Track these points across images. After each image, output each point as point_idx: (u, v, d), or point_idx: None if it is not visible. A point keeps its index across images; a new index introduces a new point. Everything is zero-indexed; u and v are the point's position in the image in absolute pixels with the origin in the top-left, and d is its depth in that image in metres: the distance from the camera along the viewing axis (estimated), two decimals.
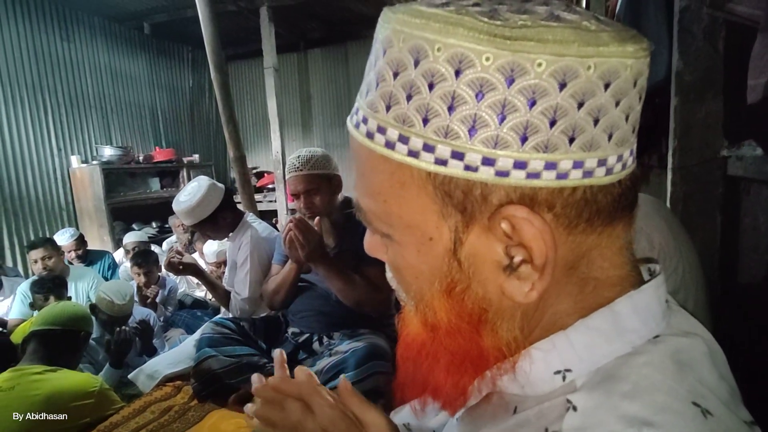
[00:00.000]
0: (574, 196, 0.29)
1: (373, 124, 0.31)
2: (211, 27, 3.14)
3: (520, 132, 0.27)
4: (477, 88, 0.27)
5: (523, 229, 0.28)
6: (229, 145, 3.40)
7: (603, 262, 0.32)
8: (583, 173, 0.28)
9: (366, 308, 1.57)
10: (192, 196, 1.83)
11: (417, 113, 0.29)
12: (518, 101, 0.27)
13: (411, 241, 0.33)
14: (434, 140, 0.28)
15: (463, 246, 0.31)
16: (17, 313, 2.59)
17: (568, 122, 0.27)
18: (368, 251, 0.40)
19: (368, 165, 0.33)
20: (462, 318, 0.32)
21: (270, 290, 1.72)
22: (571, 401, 0.30)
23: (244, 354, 1.55)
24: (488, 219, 0.29)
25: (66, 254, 3.18)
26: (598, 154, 0.28)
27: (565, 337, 0.32)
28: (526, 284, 0.30)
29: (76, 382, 1.52)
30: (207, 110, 6.34)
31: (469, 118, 0.27)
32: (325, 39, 5.80)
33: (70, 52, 4.39)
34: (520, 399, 0.34)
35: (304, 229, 1.46)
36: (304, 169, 1.57)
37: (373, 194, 0.33)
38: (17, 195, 3.93)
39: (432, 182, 0.30)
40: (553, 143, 0.27)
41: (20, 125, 3.96)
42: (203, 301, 3.15)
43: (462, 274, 0.31)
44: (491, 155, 0.27)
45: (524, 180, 0.28)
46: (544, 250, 0.29)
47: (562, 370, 0.32)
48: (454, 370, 0.34)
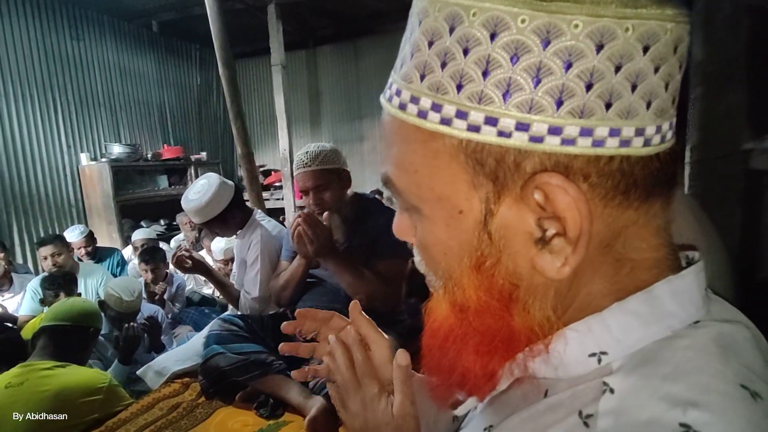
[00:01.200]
0: (610, 165, 0.27)
1: (406, 95, 0.31)
2: (219, 23, 3.13)
3: (556, 96, 0.26)
4: (512, 51, 0.26)
5: (557, 198, 0.27)
6: (237, 142, 3.40)
7: (640, 242, 0.31)
8: (620, 142, 0.27)
9: (376, 303, 1.55)
10: (202, 195, 1.82)
11: (451, 80, 0.28)
12: (554, 64, 0.26)
13: (440, 215, 0.32)
14: (468, 106, 0.28)
15: (494, 218, 0.30)
16: (27, 309, 2.61)
17: (604, 86, 0.26)
18: (397, 234, 0.40)
19: (399, 136, 0.32)
20: (492, 295, 0.31)
21: (278, 286, 1.70)
22: (607, 383, 0.29)
23: (251, 351, 1.54)
24: (521, 188, 0.28)
25: (75, 251, 3.20)
26: (635, 122, 0.27)
27: (601, 320, 0.31)
28: (558, 259, 0.29)
29: (85, 378, 1.51)
30: (215, 108, 6.35)
31: (503, 82, 0.27)
32: (335, 35, 5.78)
33: (79, 51, 4.41)
34: (552, 382, 0.33)
35: (312, 224, 1.45)
36: (312, 165, 1.55)
37: (403, 166, 0.33)
38: (27, 192, 3.96)
39: (464, 150, 0.29)
40: (590, 108, 0.26)
41: (30, 123, 3.98)
42: (211, 298, 3.15)
43: (492, 248, 0.30)
44: (525, 120, 0.27)
45: (559, 146, 0.27)
46: (578, 221, 0.27)
47: (598, 353, 0.31)
48: (484, 352, 0.33)
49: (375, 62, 5.74)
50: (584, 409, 0.29)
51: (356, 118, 6.00)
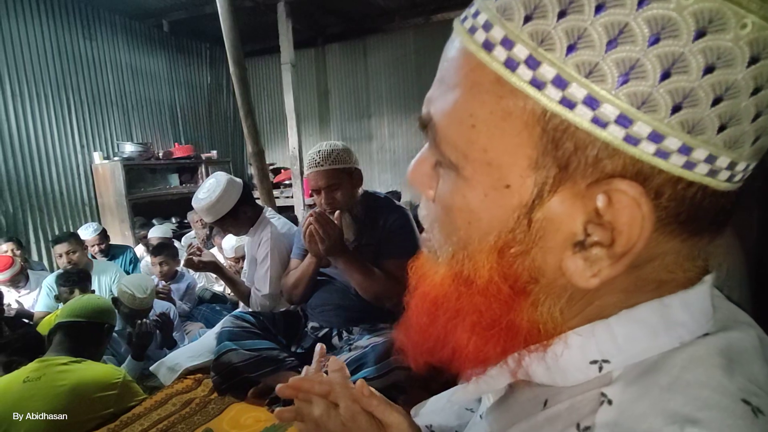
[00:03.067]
0: (687, 191, 0.24)
1: (498, 33, 0.25)
2: (229, 21, 3.15)
3: (678, 98, 0.22)
4: (657, 28, 0.22)
5: (623, 209, 0.24)
6: (247, 140, 3.42)
7: (675, 267, 0.29)
8: (710, 171, 0.24)
9: (386, 302, 1.55)
10: (211, 193, 1.83)
11: (564, 36, 0.23)
12: (695, 61, 0.22)
13: (483, 181, 0.28)
14: (571, 75, 0.23)
15: (541, 206, 0.26)
16: (43, 305, 2.65)
17: (731, 107, 0.22)
18: (410, 179, 0.35)
19: (469, 79, 0.27)
20: (506, 281, 0.28)
21: (289, 284, 1.71)
22: (605, 394, 0.28)
23: (263, 348, 1.55)
24: (587, 186, 0.25)
25: (89, 249, 3.24)
26: (733, 155, 0.24)
27: (607, 327, 0.29)
28: (591, 268, 0.26)
29: (101, 373, 1.54)
30: (225, 107, 6.39)
31: (627, 61, 0.22)
32: (343, 33, 5.78)
33: (92, 51, 4.47)
34: (551, 392, 0.32)
35: (323, 223, 1.45)
36: (324, 164, 1.56)
37: (460, 114, 0.27)
38: (42, 191, 4.02)
39: (543, 123, 0.25)
40: (703, 125, 0.23)
41: (45, 122, 4.05)
42: (222, 295, 3.18)
43: (527, 236, 0.27)
44: (630, 114, 0.23)
45: (651, 156, 0.23)
46: (635, 239, 0.24)
47: (599, 360, 0.29)
48: (481, 333, 0.31)
49: (383, 60, 5.74)
50: (582, 422, 0.28)
51: (365, 116, 6.00)
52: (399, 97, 5.73)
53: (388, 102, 5.82)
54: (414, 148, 5.78)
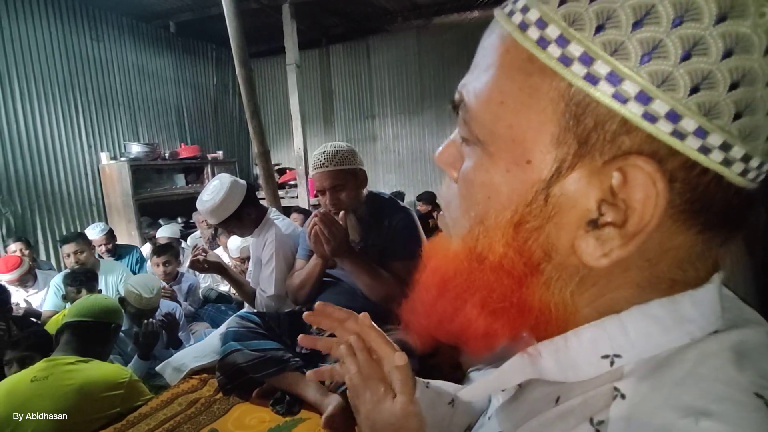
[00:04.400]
0: (701, 178, 0.25)
1: (533, 14, 0.27)
2: (235, 22, 3.17)
3: (696, 79, 0.23)
4: (681, 11, 0.23)
5: (637, 186, 0.25)
6: (253, 141, 3.44)
7: (688, 265, 0.29)
8: (724, 159, 0.24)
9: (392, 304, 1.55)
10: (215, 195, 1.84)
11: (595, 17, 0.25)
12: (714, 45, 0.23)
13: (506, 157, 0.29)
14: (597, 53, 0.24)
15: (559, 182, 0.27)
16: (51, 305, 2.68)
17: (747, 94, 0.23)
18: (438, 160, 0.36)
19: (503, 58, 0.28)
20: (520, 257, 0.29)
21: (294, 285, 1.72)
22: (618, 389, 0.28)
23: (268, 348, 1.56)
24: (604, 162, 0.26)
25: (96, 248, 3.27)
26: (748, 147, 0.24)
27: (619, 321, 0.29)
28: (602, 248, 0.27)
29: (107, 372, 1.55)
30: (230, 108, 6.42)
31: (650, 41, 0.23)
32: (347, 34, 5.80)
33: (99, 52, 4.50)
34: (563, 389, 0.32)
35: (329, 224, 1.45)
36: (329, 165, 1.56)
37: (491, 92, 0.29)
38: (50, 191, 4.06)
39: (567, 99, 0.26)
40: (719, 110, 0.23)
41: (53, 123, 4.09)
42: (227, 295, 3.19)
43: (543, 212, 0.28)
44: (650, 92, 0.24)
45: (667, 135, 0.24)
46: (647, 217, 0.25)
47: (611, 355, 0.29)
48: (491, 310, 0.31)
49: (386, 61, 5.75)
50: (595, 416, 0.28)
51: (368, 117, 6.01)
52: (402, 98, 5.74)
53: (391, 103, 5.83)
54: (418, 149, 5.79)
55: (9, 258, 2.85)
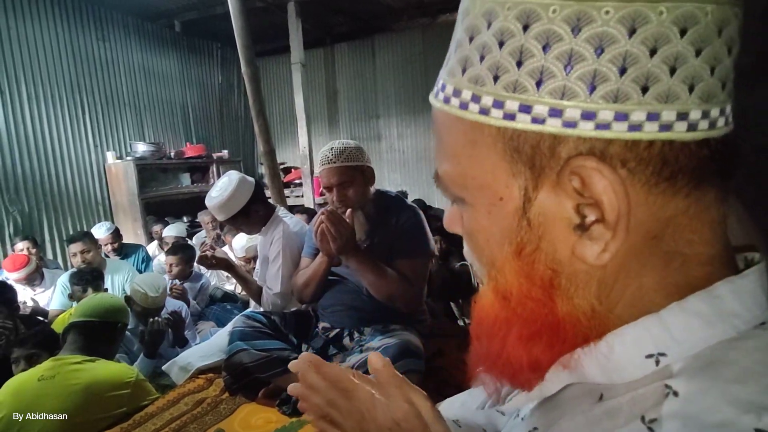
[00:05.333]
0: (650, 150, 0.27)
1: (449, 89, 0.33)
2: (241, 21, 3.17)
3: (588, 81, 0.27)
4: (544, 40, 0.27)
5: (593, 181, 0.28)
6: (259, 140, 3.44)
7: (691, 234, 0.30)
8: (660, 126, 0.27)
9: (398, 303, 1.54)
10: (223, 191, 1.84)
11: (489, 72, 0.29)
12: (585, 50, 0.26)
13: (483, 202, 0.33)
14: (503, 96, 0.29)
15: (532, 204, 0.31)
16: (58, 303, 2.69)
17: (639, 70, 0.26)
18: (447, 226, 0.41)
19: (444, 129, 0.34)
20: (533, 281, 0.31)
21: (300, 283, 1.71)
22: (670, 386, 0.28)
23: (274, 348, 1.55)
24: (557, 174, 0.29)
25: (102, 247, 3.28)
26: (676, 106, 0.27)
27: (659, 319, 0.30)
28: (598, 244, 0.29)
29: (113, 372, 1.55)
30: (236, 107, 6.43)
31: (536, 70, 0.28)
32: (352, 33, 5.79)
33: (105, 52, 4.52)
34: (605, 387, 0.32)
35: (336, 222, 1.44)
36: (337, 161, 1.55)
37: (449, 157, 0.34)
38: (57, 190, 4.08)
39: (502, 138, 0.30)
40: (624, 92, 0.26)
41: (59, 123, 4.11)
42: (233, 294, 3.19)
43: (531, 234, 0.31)
44: (558, 106, 0.27)
45: (593, 131, 0.27)
46: (615, 203, 0.27)
47: (656, 354, 0.30)
48: (527, 338, 0.33)
49: (391, 60, 5.73)
50: (647, 414, 0.28)
51: (373, 116, 6.00)
52: (407, 98, 5.72)
53: (396, 102, 5.81)
54: (422, 148, 5.77)
55: (16, 257, 2.87)
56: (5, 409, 1.38)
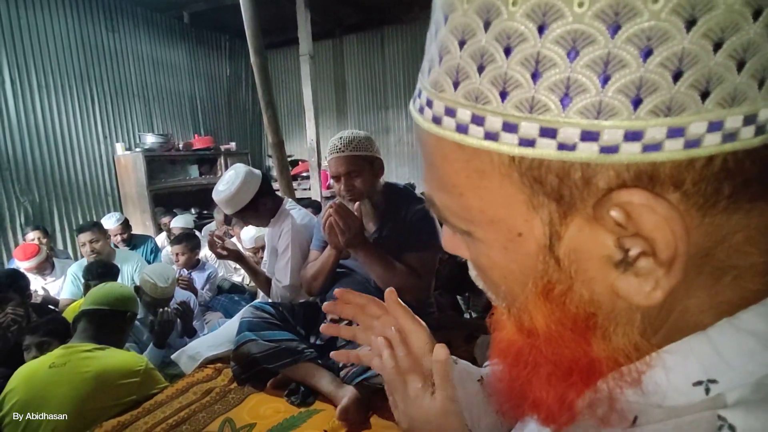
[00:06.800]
0: (710, 167, 0.22)
1: (439, 106, 0.26)
2: (250, 11, 3.15)
3: (632, 93, 0.21)
4: (569, 44, 0.21)
5: (641, 217, 0.23)
6: (267, 131, 3.43)
7: (748, 247, 0.25)
8: (723, 137, 0.21)
9: (406, 296, 1.52)
10: (230, 185, 1.84)
11: (492, 86, 0.23)
12: (627, 53, 0.21)
13: (496, 237, 0.28)
14: (517, 117, 0.23)
15: (561, 240, 0.25)
16: (68, 293, 2.72)
17: (699, 73, 0.21)
18: (447, 249, 0.36)
19: (438, 154, 0.28)
20: (565, 325, 0.27)
21: (308, 276, 1.71)
22: (725, 418, 0.24)
23: (283, 339, 1.55)
24: (593, 207, 0.24)
25: (112, 238, 3.31)
26: (743, 109, 0.21)
27: (707, 340, 0.26)
28: (647, 283, 0.24)
29: (123, 360, 1.56)
30: (244, 99, 6.43)
31: (560, 84, 0.22)
32: (361, 24, 5.74)
33: (114, 43, 4.53)
34: (642, 407, 0.28)
35: (344, 215, 1.44)
36: (346, 150, 1.54)
37: (446, 187, 0.29)
38: (66, 181, 4.12)
39: (517, 168, 0.24)
40: (679, 102, 0.21)
41: (69, 114, 4.13)
42: (241, 286, 3.21)
43: (562, 274, 0.26)
44: (593, 127, 0.22)
45: (640, 154, 0.22)
46: (672, 241, 0.22)
47: (705, 381, 0.26)
48: (557, 382, 0.29)
49: (401, 51, 5.69)
50: None
51: (382, 108, 5.97)
52: None
53: (405, 94, 5.77)
54: None
55: (27, 246, 2.90)
56: (17, 395, 1.40)
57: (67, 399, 1.39)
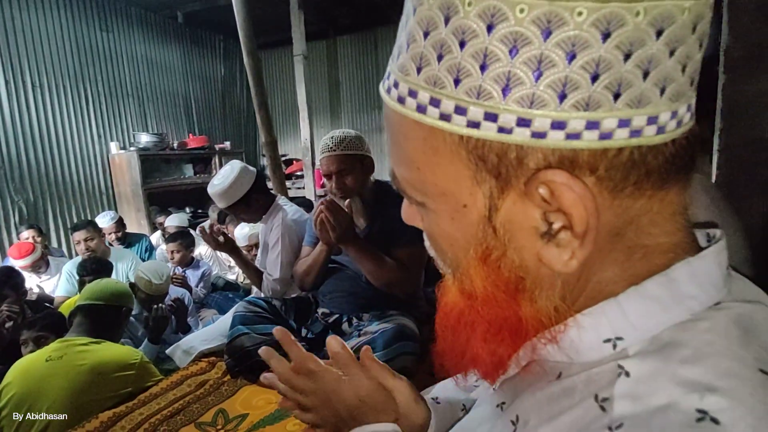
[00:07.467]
0: (619, 157, 0.26)
1: (404, 88, 0.30)
2: (244, 12, 3.18)
3: (558, 89, 0.25)
4: (510, 43, 0.25)
5: (562, 194, 0.27)
6: (261, 130, 3.46)
7: (653, 228, 0.30)
8: (630, 132, 0.26)
9: (395, 290, 1.58)
10: (225, 179, 1.88)
11: (448, 74, 0.27)
12: (556, 55, 0.25)
13: (445, 208, 0.32)
14: (466, 102, 0.27)
15: (498, 212, 0.30)
16: (63, 290, 2.74)
17: (612, 76, 0.25)
18: (405, 220, 0.40)
19: (401, 132, 0.32)
20: (498, 286, 0.31)
21: (301, 271, 1.75)
22: (623, 366, 0.29)
23: None
24: (525, 184, 0.28)
25: (106, 236, 3.32)
26: (647, 111, 0.26)
27: (617, 305, 0.30)
28: (565, 252, 0.28)
29: (119, 353, 1.60)
30: (238, 99, 6.45)
31: (502, 76, 0.26)
32: (355, 25, 5.78)
33: (108, 43, 4.54)
34: (564, 365, 0.33)
35: (334, 211, 1.48)
36: (337, 150, 1.58)
37: (406, 162, 0.33)
38: (61, 180, 4.13)
39: (465, 147, 0.28)
40: (596, 100, 0.25)
41: (63, 113, 4.14)
42: (235, 283, 3.25)
43: (497, 241, 0.30)
44: (527, 115, 0.26)
45: (563, 141, 0.26)
46: (585, 216, 0.27)
47: (613, 339, 0.30)
48: (491, 339, 0.33)
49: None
50: (600, 393, 0.29)
51: (375, 108, 6.01)
52: None
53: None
54: None
55: (22, 244, 2.92)
56: (14, 388, 1.43)
57: (63, 391, 1.42)
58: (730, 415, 0.24)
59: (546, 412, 0.32)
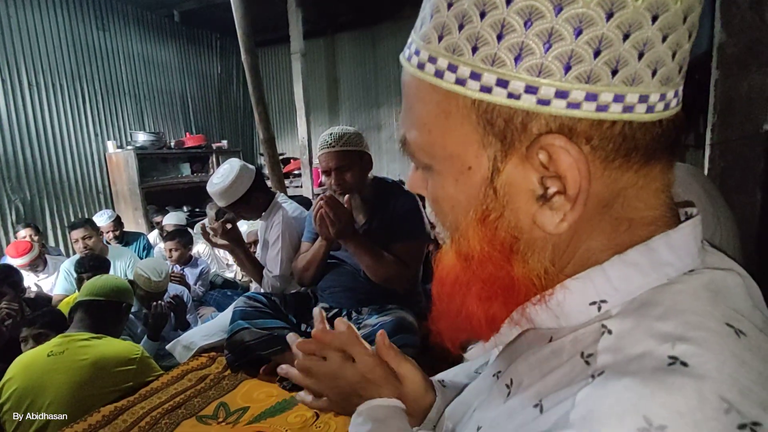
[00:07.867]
0: (612, 130, 0.29)
1: (424, 54, 0.33)
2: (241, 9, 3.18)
3: (565, 61, 0.28)
4: (526, 15, 0.28)
5: (559, 158, 0.29)
6: (258, 128, 3.47)
7: (638, 202, 0.32)
8: (624, 108, 0.29)
9: (394, 284, 1.59)
10: (225, 178, 1.89)
11: (467, 42, 0.30)
12: (565, 30, 0.27)
13: (450, 171, 0.35)
14: (481, 68, 0.29)
15: (500, 175, 0.32)
16: (61, 289, 2.74)
17: (612, 54, 0.27)
18: (410, 188, 0.42)
19: (416, 96, 0.34)
20: (494, 246, 0.34)
21: (300, 267, 1.76)
22: (606, 326, 0.31)
23: (275, 327, 1.60)
24: (527, 148, 0.30)
25: (104, 235, 3.32)
26: (639, 89, 0.28)
27: (602, 271, 0.33)
28: (557, 215, 0.31)
29: (120, 348, 1.60)
30: (235, 97, 6.44)
31: (516, 46, 0.28)
32: (353, 23, 5.78)
33: (105, 41, 4.53)
34: (555, 331, 0.36)
35: (334, 207, 1.49)
36: (336, 146, 1.59)
37: (418, 125, 0.35)
38: (58, 179, 4.12)
39: (476, 110, 0.31)
40: (596, 74, 0.28)
41: (60, 112, 4.13)
42: (233, 281, 3.25)
43: (496, 203, 0.33)
44: (534, 83, 0.28)
45: (564, 109, 0.29)
46: (578, 179, 0.29)
47: (598, 301, 0.33)
48: (485, 297, 0.36)
49: (392, 49, 5.72)
50: (585, 350, 0.32)
51: (373, 106, 6.01)
52: None
53: (396, 91, 5.80)
54: None
55: (20, 243, 2.91)
56: (16, 383, 1.44)
57: (65, 386, 1.43)
58: (698, 359, 0.26)
59: (537, 373, 0.35)
